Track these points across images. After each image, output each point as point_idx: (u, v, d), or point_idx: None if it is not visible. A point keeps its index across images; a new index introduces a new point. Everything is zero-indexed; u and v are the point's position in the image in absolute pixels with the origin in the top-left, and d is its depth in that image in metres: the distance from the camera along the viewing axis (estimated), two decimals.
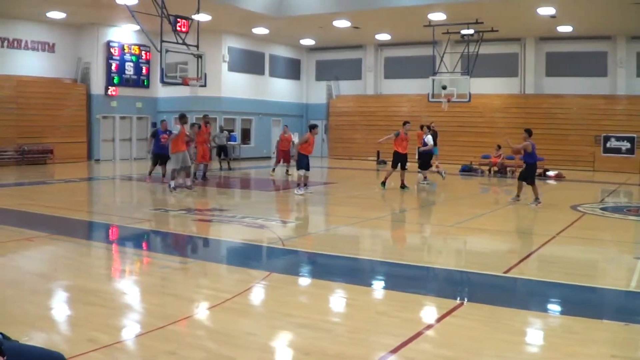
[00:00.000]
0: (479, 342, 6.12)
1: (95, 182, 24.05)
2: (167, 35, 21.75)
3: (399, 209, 17.89)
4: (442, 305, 7.42)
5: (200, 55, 22.67)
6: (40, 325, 6.40)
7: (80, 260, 10.05)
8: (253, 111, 38.77)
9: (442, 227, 14.38)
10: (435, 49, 32.11)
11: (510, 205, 17.51)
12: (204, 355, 5.66)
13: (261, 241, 12.11)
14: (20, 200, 17.10)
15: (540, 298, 8.19)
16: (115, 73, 34.70)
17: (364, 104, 40.77)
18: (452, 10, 28.41)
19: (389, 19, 31.83)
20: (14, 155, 29.86)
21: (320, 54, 43.35)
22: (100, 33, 33.95)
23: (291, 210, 17.27)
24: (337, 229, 14.25)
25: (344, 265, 10.02)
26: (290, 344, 6.20)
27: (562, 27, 31.92)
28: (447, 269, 9.90)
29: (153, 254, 11.22)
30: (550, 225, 14.05)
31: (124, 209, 17.03)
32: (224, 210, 16.02)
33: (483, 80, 34.89)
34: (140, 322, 6.79)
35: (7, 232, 12.17)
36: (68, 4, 28.21)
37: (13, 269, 8.88)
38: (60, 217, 14.30)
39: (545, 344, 6.31)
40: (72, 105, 33.09)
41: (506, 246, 12.25)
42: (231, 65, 37.02)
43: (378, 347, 5.97)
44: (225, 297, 7.54)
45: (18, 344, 4.17)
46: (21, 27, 30.99)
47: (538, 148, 30.75)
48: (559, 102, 34.75)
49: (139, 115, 36.80)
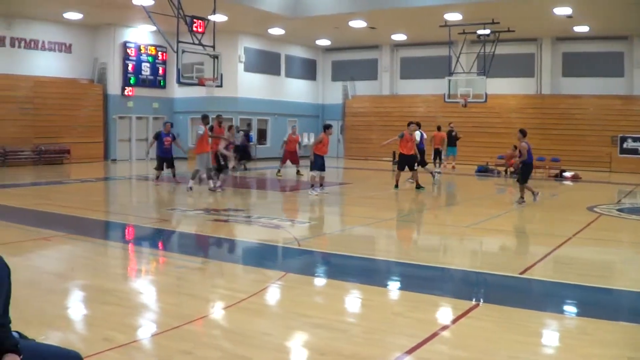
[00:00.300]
0: (494, 343, 6.10)
1: (112, 182, 24.14)
2: (184, 36, 21.81)
3: (414, 209, 17.84)
4: (457, 306, 7.39)
5: (217, 56, 22.71)
6: (57, 325, 6.43)
7: (97, 260, 10.09)
8: (269, 111, 38.80)
9: (458, 228, 14.33)
10: (452, 49, 32.06)
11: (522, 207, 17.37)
12: (219, 355, 5.67)
13: (277, 241, 12.12)
14: (37, 200, 17.18)
15: (555, 299, 8.16)
16: (132, 73, 34.84)
17: (379, 104, 40.71)
18: (468, 11, 28.34)
19: (405, 19, 31.79)
20: (31, 155, 30.02)
21: (336, 55, 43.35)
22: (117, 34, 34.09)
23: (307, 210, 17.25)
24: (353, 229, 14.24)
25: (359, 266, 10.01)
26: (306, 344, 6.20)
27: (579, 27, 31.78)
28: (463, 269, 9.85)
29: (169, 253, 11.25)
30: (566, 227, 13.99)
31: (140, 209, 17.10)
32: (239, 211, 16.05)
33: (499, 81, 34.77)
34: (156, 321, 6.81)
35: (24, 232, 12.24)
36: (85, 5, 28.34)
37: (30, 269, 8.91)
38: (77, 217, 14.36)
39: (560, 345, 6.28)
40: (89, 105, 33.24)
41: (522, 247, 12.21)
42: (247, 65, 37.08)
43: (393, 347, 5.96)
44: (241, 297, 7.54)
45: (34, 342, 4.19)
46: (38, 28, 31.16)
47: (554, 148, 30.72)
48: (576, 102, 34.58)
49: (156, 116, 36.91)
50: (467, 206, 18.32)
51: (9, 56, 29.96)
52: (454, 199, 20.89)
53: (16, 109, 29.74)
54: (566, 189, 23.92)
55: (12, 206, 15.94)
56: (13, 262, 4.56)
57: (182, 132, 37.44)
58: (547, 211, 17.06)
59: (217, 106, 33.51)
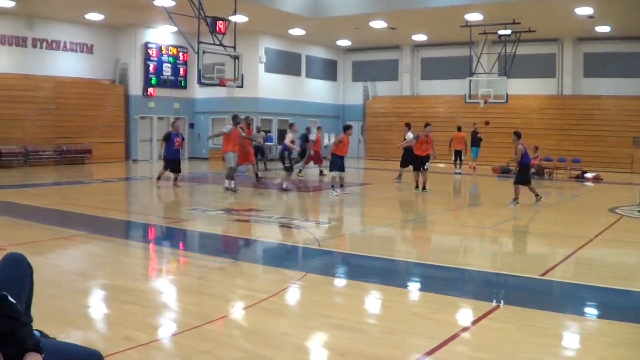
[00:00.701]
0: (515, 344, 6.06)
1: (133, 182, 24.26)
2: (204, 37, 21.86)
3: (434, 210, 17.78)
4: (478, 307, 7.36)
5: (237, 56, 22.76)
6: (78, 323, 6.46)
7: (118, 259, 10.14)
8: (289, 112, 38.81)
9: (479, 229, 14.30)
10: (472, 50, 31.98)
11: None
12: (239, 355, 5.67)
13: (297, 242, 12.13)
14: (58, 199, 17.28)
15: (576, 301, 8.12)
16: (153, 74, 35.01)
17: (400, 105, 40.60)
18: (489, 11, 28.23)
19: (425, 19, 31.72)
20: (53, 155, 30.22)
21: (357, 55, 43.32)
22: (138, 34, 34.27)
23: (327, 211, 17.25)
24: (373, 230, 14.21)
25: (379, 267, 10.00)
26: (326, 344, 6.19)
27: (600, 28, 31.56)
28: (483, 271, 9.81)
29: (190, 253, 11.28)
30: (587, 228, 13.91)
31: (161, 209, 17.18)
32: (260, 211, 16.06)
33: (520, 81, 34.67)
34: (176, 321, 6.83)
35: (46, 231, 12.31)
36: (106, 6, 28.50)
37: (52, 268, 8.96)
38: (98, 217, 14.44)
39: (580, 347, 6.24)
40: (110, 105, 33.43)
41: (543, 249, 12.14)
42: (268, 66, 37.14)
43: (413, 348, 5.95)
44: (261, 297, 7.55)
45: (56, 341, 4.21)
46: (60, 29, 31.39)
47: (575, 149, 30.52)
48: (597, 103, 34.35)
49: (177, 116, 37.01)
50: (487, 207, 18.25)
51: (31, 57, 30.20)
52: (474, 200, 20.80)
53: (38, 109, 29.98)
54: (587, 190, 23.79)
55: (34, 206, 16.05)
56: (35, 261, 4.58)
57: (203, 132, 37.62)
58: (568, 212, 16.97)
59: (237, 107, 33.58)
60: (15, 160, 28.79)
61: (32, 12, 29.09)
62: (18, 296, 3.97)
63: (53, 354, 3.59)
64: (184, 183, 21.87)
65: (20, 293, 4.16)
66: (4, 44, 29.25)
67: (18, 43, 29.76)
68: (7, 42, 29.37)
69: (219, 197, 18.71)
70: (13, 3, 26.76)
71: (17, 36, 29.68)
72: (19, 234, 11.90)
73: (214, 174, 27.37)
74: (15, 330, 3.46)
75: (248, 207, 16.67)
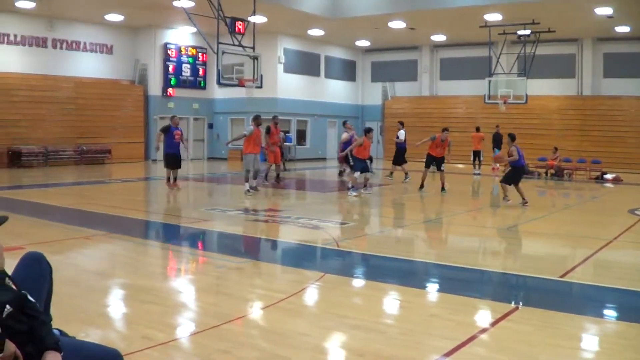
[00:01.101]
0: (534, 347, 6.02)
1: (152, 182, 24.32)
2: (224, 37, 21.89)
3: (453, 211, 17.73)
4: (496, 309, 7.32)
5: (256, 57, 22.77)
6: (97, 322, 6.48)
7: (137, 259, 10.18)
8: (308, 112, 38.85)
9: (497, 230, 14.24)
10: (492, 50, 31.89)
11: (566, 208, 17.18)
12: (257, 355, 5.67)
13: (315, 242, 12.12)
14: (78, 199, 17.37)
15: (595, 303, 8.06)
16: (172, 74, 35.17)
17: (419, 105, 40.55)
18: (508, 11, 28.16)
19: (444, 19, 31.66)
20: (73, 155, 30.42)
21: (376, 55, 43.31)
22: (158, 35, 34.43)
23: (346, 211, 17.23)
24: (391, 230, 14.20)
25: (397, 267, 9.98)
26: (344, 345, 6.18)
27: (620, 28, 31.39)
28: (502, 272, 9.78)
29: (208, 253, 11.31)
30: (607, 230, 13.83)
31: (180, 209, 17.20)
32: (279, 211, 16.07)
33: (540, 82, 34.49)
34: (195, 320, 6.84)
35: (65, 230, 12.38)
36: (126, 7, 28.65)
37: (71, 267, 9.00)
38: (117, 216, 14.50)
39: (599, 349, 6.18)
40: (130, 106, 33.63)
41: (562, 250, 12.06)
42: (287, 66, 37.21)
43: (431, 349, 5.92)
44: (280, 297, 7.55)
45: (75, 340, 4.24)
46: (80, 30, 31.61)
47: (595, 150, 30.38)
48: (617, 103, 34.17)
49: (196, 116, 37.26)
50: (506, 208, 18.18)
51: (51, 57, 30.42)
52: (493, 200, 20.71)
53: (58, 110, 30.21)
54: (607, 192, 23.65)
55: (54, 205, 16.15)
56: (54, 260, 4.61)
57: (222, 132, 37.72)
58: (587, 214, 16.87)
59: (256, 107, 33.65)
60: (35, 160, 28.99)
61: (52, 13, 29.28)
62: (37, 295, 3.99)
63: (72, 352, 3.61)
64: (203, 183, 21.89)
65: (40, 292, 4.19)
66: (24, 44, 29.48)
67: (38, 44, 29.99)
68: (28, 43, 29.60)
69: (238, 198, 18.74)
70: (33, 4, 26.97)
71: (37, 37, 29.90)
72: (39, 233, 11.97)
73: (233, 174, 27.39)
74: (35, 329, 3.48)
75: (267, 207, 16.70)
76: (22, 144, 28.62)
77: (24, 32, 29.38)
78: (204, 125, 38.07)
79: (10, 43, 29.02)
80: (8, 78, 28.55)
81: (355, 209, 17.51)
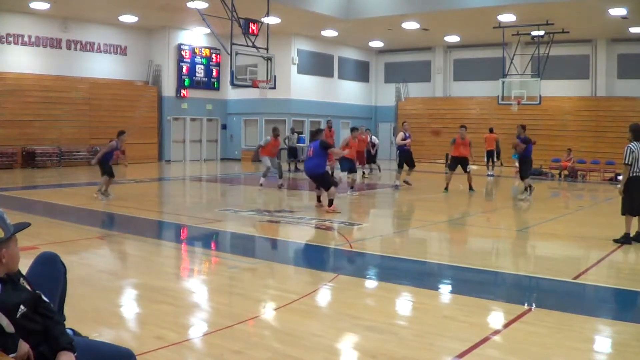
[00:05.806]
0: (547, 348, 6.00)
1: (166, 183, 24.39)
2: (237, 38, 21.93)
3: (467, 212, 17.69)
4: (509, 310, 7.29)
5: (270, 58, 22.81)
6: (110, 322, 6.51)
7: (150, 259, 10.21)
8: (322, 113, 38.83)
9: (511, 232, 14.19)
10: (505, 51, 31.81)
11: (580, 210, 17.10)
12: (270, 355, 5.67)
13: (329, 243, 12.10)
14: (91, 199, 17.40)
15: (609, 305, 8.03)
16: (186, 75, 35.25)
17: (432, 106, 40.47)
18: (522, 12, 28.07)
19: (458, 20, 31.59)
20: (87, 156, 30.46)
21: (389, 56, 43.27)
22: (171, 36, 34.51)
23: (359, 212, 17.21)
24: (405, 231, 14.19)
25: (410, 268, 9.96)
26: (356, 346, 6.17)
27: (634, 28, 31.20)
28: (515, 274, 9.74)
29: (221, 253, 11.32)
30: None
31: (193, 209, 17.22)
32: (292, 212, 16.06)
33: (553, 83, 34.37)
34: (207, 320, 6.85)
35: (79, 230, 12.43)
36: (140, 8, 28.73)
37: (84, 267, 9.03)
38: (130, 216, 14.55)
39: (613, 351, 6.15)
40: (144, 107, 33.72)
41: (576, 252, 12.01)
42: (300, 67, 37.20)
43: (444, 351, 5.91)
44: (292, 298, 7.55)
45: (88, 340, 4.25)
46: (94, 31, 31.73)
47: (609, 152, 30.24)
48: (631, 104, 33.92)
49: (209, 117, 37.35)
50: (520, 210, 18.12)
51: (66, 58, 30.56)
52: (507, 202, 20.64)
53: (72, 110, 30.32)
54: None
55: (67, 205, 16.23)
56: (68, 260, 4.62)
57: (236, 133, 37.78)
58: (601, 215, 16.77)
59: (270, 108, 33.76)
60: (49, 160, 29.14)
61: (66, 14, 29.43)
62: (51, 295, 4.01)
63: (86, 352, 3.62)
64: (216, 184, 21.93)
65: (54, 292, 4.21)
66: (39, 45, 29.62)
67: (53, 45, 30.12)
68: (42, 44, 29.74)
69: (251, 198, 18.76)
70: (48, 5, 27.08)
71: (52, 38, 30.04)
72: (53, 233, 12.02)
73: (246, 175, 27.41)
74: (49, 329, 3.50)
75: (280, 208, 16.71)
76: (36, 145, 28.78)
77: (38, 33, 29.51)
78: (217, 126, 38.14)
79: (24, 44, 29.16)
80: (23, 79, 28.71)
81: (368, 209, 17.49)
